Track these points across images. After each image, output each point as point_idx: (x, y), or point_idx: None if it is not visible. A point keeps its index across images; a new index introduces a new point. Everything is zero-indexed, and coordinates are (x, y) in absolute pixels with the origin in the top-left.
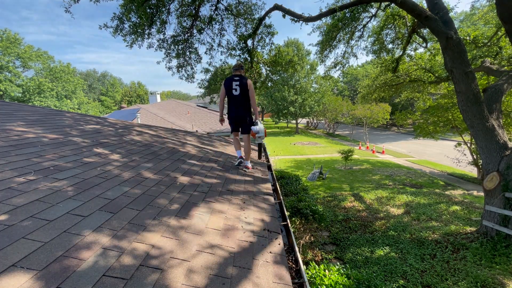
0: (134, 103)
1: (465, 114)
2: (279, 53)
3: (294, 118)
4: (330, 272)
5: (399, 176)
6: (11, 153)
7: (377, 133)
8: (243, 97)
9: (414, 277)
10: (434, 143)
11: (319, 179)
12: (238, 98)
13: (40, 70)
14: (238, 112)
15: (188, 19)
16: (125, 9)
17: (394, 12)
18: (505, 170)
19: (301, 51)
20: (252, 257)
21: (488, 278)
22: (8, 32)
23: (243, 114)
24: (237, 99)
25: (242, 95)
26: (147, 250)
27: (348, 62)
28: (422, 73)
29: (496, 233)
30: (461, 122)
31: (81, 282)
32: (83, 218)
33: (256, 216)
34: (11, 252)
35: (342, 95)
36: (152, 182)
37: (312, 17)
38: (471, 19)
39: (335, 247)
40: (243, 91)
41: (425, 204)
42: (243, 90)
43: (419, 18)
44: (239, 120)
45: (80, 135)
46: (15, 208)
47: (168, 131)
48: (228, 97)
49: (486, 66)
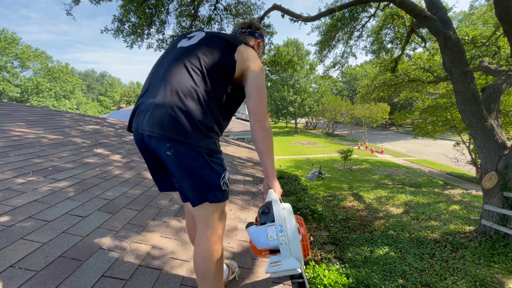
0: (133, 103)
1: (463, 113)
2: (278, 53)
3: (293, 118)
4: (329, 272)
5: (398, 176)
6: (9, 153)
7: (376, 132)
8: (205, 56)
9: (413, 277)
10: (433, 143)
11: (318, 179)
12: (183, 56)
13: (38, 70)
14: (162, 106)
15: (187, 19)
16: (125, 9)
17: (393, 12)
18: (503, 170)
19: (300, 51)
20: (252, 257)
21: (487, 277)
22: (6, 32)
23: (191, 120)
24: (178, 57)
25: (206, 51)
26: (147, 250)
27: (347, 62)
28: (421, 72)
29: (494, 232)
30: (459, 122)
31: (80, 282)
32: (82, 219)
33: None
34: (9, 253)
35: (341, 95)
36: (151, 182)
37: (311, 17)
38: (469, 19)
39: (334, 247)
40: (213, 46)
41: (424, 203)
42: (213, 44)
43: (418, 18)
44: (162, 146)
45: (80, 136)
46: (13, 209)
47: None
48: (152, 69)
49: (485, 65)
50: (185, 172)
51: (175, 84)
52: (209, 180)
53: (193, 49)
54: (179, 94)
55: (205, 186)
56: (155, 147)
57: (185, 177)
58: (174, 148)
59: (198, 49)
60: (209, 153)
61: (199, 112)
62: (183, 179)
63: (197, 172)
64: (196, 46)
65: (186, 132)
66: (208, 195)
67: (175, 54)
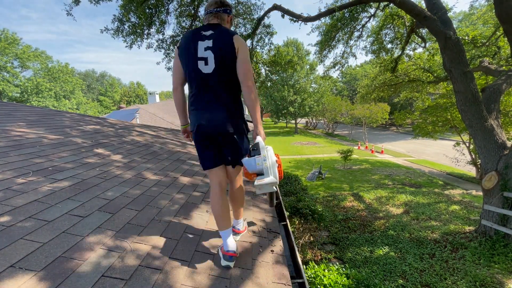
0: (133, 103)
1: (463, 114)
2: (278, 53)
3: (293, 118)
4: (329, 272)
5: (398, 176)
6: (10, 153)
7: (376, 133)
8: (224, 76)
9: (413, 277)
10: (433, 143)
11: (318, 179)
12: (211, 85)
13: (38, 70)
14: (213, 115)
15: (187, 19)
16: (125, 9)
17: (393, 12)
18: (503, 170)
19: (300, 51)
20: (252, 257)
21: (487, 277)
22: (6, 32)
23: (227, 118)
24: (210, 86)
25: (221, 73)
26: (147, 250)
27: (347, 62)
28: (421, 73)
29: (494, 232)
30: (459, 122)
31: (80, 282)
32: (82, 219)
33: (256, 216)
34: (10, 253)
35: (341, 95)
36: (151, 182)
37: (311, 17)
38: (469, 19)
39: (334, 247)
40: (223, 63)
41: (424, 203)
42: (222, 60)
43: (418, 18)
44: (217, 136)
45: (80, 136)
46: (14, 209)
47: (168, 131)
48: (189, 79)
49: (485, 66)
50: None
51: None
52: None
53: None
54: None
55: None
56: (214, 135)
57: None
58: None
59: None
60: (244, 139)
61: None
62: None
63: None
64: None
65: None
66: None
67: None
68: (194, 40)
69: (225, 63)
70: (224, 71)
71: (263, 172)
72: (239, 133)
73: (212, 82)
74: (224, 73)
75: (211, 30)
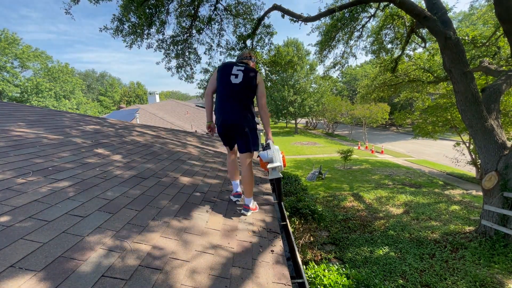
0: (133, 103)
1: (463, 114)
2: (278, 53)
3: (293, 118)
4: (329, 272)
5: (398, 176)
6: (10, 153)
7: (376, 133)
8: (246, 89)
9: (413, 277)
10: (433, 143)
11: (318, 179)
12: (237, 90)
13: (38, 70)
14: (233, 113)
15: (187, 19)
16: (125, 9)
17: (393, 12)
18: (503, 170)
19: (300, 51)
20: (252, 257)
21: (487, 277)
22: (6, 32)
23: (241, 117)
24: (235, 91)
25: (245, 86)
26: (147, 250)
27: (347, 62)
28: (421, 73)
29: (494, 232)
30: (459, 122)
31: (80, 282)
32: (82, 219)
33: (256, 216)
34: (10, 253)
35: (341, 95)
36: (152, 182)
37: (311, 17)
38: (469, 19)
39: (334, 247)
40: (248, 81)
41: (425, 203)
42: (247, 79)
43: (418, 18)
44: (234, 128)
45: (80, 136)
46: (13, 209)
47: (168, 131)
48: (221, 88)
49: (485, 66)
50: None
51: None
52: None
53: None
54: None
55: (247, 145)
56: (232, 128)
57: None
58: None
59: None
60: (253, 134)
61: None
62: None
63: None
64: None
65: (243, 123)
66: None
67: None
68: (231, 66)
69: (249, 82)
70: (247, 85)
71: (273, 161)
72: (250, 129)
73: (238, 89)
74: (246, 86)
75: (243, 64)
